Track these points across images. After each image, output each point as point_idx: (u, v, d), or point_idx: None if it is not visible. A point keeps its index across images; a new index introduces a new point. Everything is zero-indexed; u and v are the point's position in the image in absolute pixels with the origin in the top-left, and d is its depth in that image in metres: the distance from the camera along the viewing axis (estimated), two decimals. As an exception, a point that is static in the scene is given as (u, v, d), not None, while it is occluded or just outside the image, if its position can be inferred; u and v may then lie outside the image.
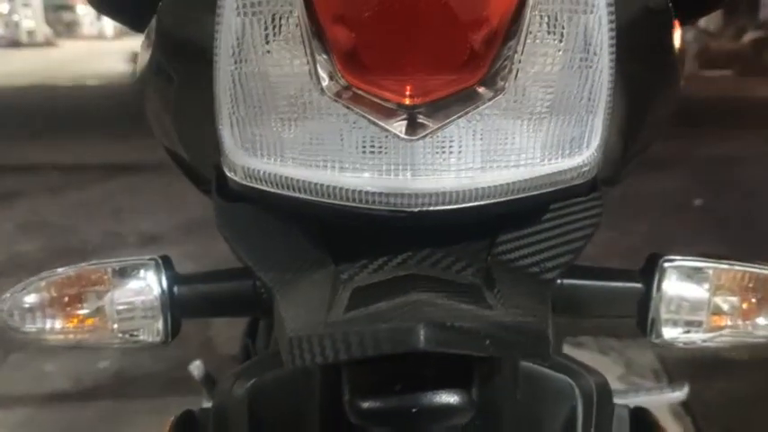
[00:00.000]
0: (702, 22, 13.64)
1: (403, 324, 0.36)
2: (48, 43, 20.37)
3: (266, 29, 0.37)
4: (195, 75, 0.46)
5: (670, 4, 0.48)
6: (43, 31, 21.34)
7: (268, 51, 0.37)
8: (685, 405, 1.76)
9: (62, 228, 3.26)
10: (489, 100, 0.37)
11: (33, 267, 2.75)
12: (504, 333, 0.37)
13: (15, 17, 20.91)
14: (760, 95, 7.80)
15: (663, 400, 0.94)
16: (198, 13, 0.45)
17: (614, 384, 1.73)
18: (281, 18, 0.37)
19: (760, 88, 8.33)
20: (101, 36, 27.33)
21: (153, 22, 0.50)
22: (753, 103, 7.11)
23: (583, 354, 2.03)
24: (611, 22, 0.37)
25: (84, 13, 30.60)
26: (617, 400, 0.94)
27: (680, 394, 0.94)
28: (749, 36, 11.54)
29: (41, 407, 1.81)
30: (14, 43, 19.77)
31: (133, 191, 3.84)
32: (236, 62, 0.38)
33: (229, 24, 0.37)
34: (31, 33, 20.91)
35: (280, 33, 0.37)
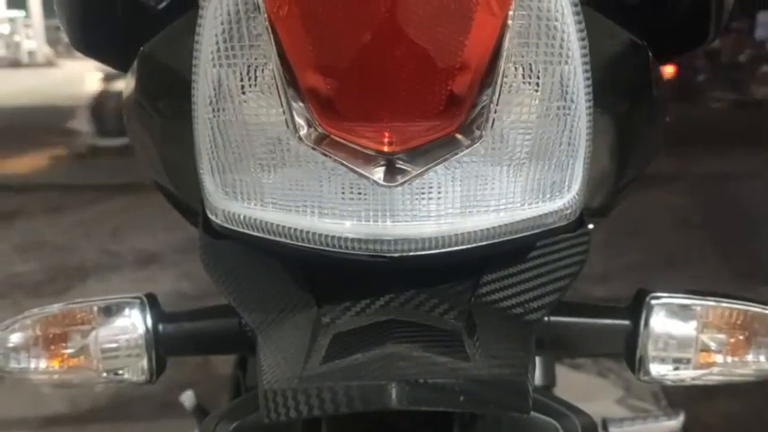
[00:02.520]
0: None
1: (375, 382, 0.36)
2: (49, 63, 20.44)
3: (242, 79, 0.37)
4: (178, 114, 0.46)
5: (645, 44, 0.49)
6: (44, 51, 21.44)
7: (245, 101, 0.38)
8: (685, 428, 1.75)
9: (60, 247, 3.26)
10: (467, 147, 0.37)
11: (30, 288, 2.74)
12: (479, 388, 0.37)
13: (16, 38, 21.04)
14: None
15: (658, 428, 0.93)
16: (177, 59, 0.45)
17: (613, 407, 1.71)
18: (256, 69, 0.37)
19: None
20: (102, 56, 27.51)
21: (135, 63, 0.51)
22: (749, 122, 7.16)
23: (581, 376, 2.02)
24: (585, 71, 0.38)
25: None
26: (613, 429, 0.93)
27: (675, 423, 0.93)
28: (745, 55, 11.63)
29: (38, 430, 1.80)
30: (15, 63, 19.89)
31: (131, 210, 3.83)
32: (213, 110, 0.38)
33: (206, 74, 0.38)
34: (32, 54, 21.00)
35: (256, 83, 0.37)
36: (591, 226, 0.54)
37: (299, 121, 0.37)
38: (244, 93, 0.37)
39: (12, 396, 1.93)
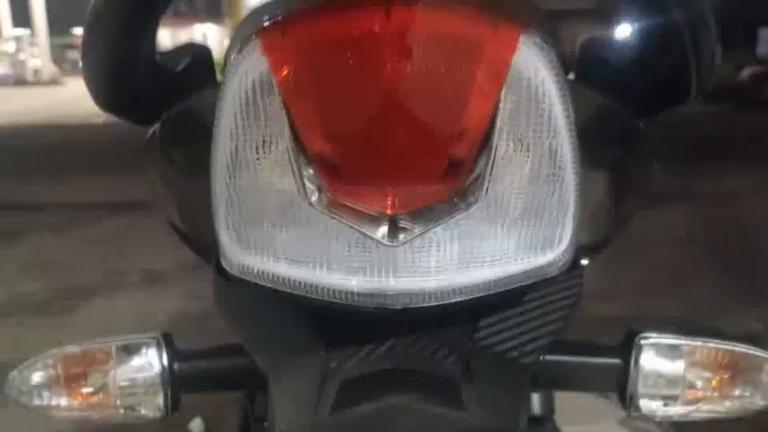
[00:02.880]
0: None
1: None
2: (53, 82, 20.60)
3: (257, 151, 0.41)
4: (195, 172, 0.49)
5: (627, 107, 0.52)
6: (49, 69, 21.61)
7: (259, 169, 0.41)
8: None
9: (65, 266, 3.27)
10: (465, 210, 0.41)
11: (36, 308, 2.75)
12: None
13: (22, 56, 21.20)
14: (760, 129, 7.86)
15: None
16: (196, 128, 0.49)
17: (615, 429, 1.70)
18: (270, 142, 0.40)
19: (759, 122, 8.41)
20: (106, 73, 27.64)
21: (159, 126, 0.54)
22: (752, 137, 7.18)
23: (584, 398, 2.04)
24: (572, 141, 0.41)
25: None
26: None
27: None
28: (747, 71, 11.68)
29: (43, 453, 1.82)
30: (21, 82, 20.03)
31: (136, 228, 3.84)
32: (230, 176, 0.42)
33: (224, 146, 0.41)
34: (37, 72, 21.16)
35: (270, 154, 0.41)
36: (586, 262, 0.57)
37: (310, 186, 0.40)
38: (258, 161, 0.41)
39: (17, 415, 1.94)
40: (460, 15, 0.38)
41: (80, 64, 0.51)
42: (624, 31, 0.48)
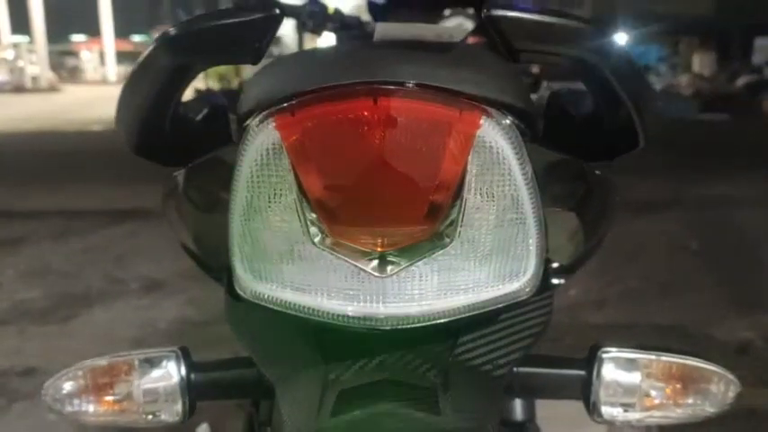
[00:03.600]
0: (697, 67, 13.93)
1: None
2: (52, 88, 20.59)
3: (269, 200, 0.50)
4: (211, 210, 0.59)
5: (577, 158, 0.61)
6: (47, 76, 21.60)
7: (270, 214, 0.50)
8: (669, 457, 1.82)
9: (65, 274, 3.29)
10: (442, 248, 0.50)
11: (37, 315, 2.76)
12: None
13: (20, 63, 21.19)
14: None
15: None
16: (214, 178, 0.59)
17: (598, 440, 1.73)
18: (280, 193, 0.49)
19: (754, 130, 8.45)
20: (104, 81, 27.62)
21: (184, 172, 0.64)
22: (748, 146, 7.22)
23: (571, 406, 2.10)
24: (530, 190, 0.50)
25: (88, 58, 31.08)
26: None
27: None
28: (743, 80, 11.77)
29: (47, 460, 1.85)
30: (19, 88, 19.98)
31: (136, 236, 3.87)
32: (245, 219, 0.50)
33: (241, 195, 0.50)
34: (35, 79, 21.15)
35: (279, 203, 0.49)
36: (559, 282, 0.65)
37: (313, 229, 0.49)
38: (270, 208, 0.50)
39: (20, 422, 1.98)
40: (433, 103, 0.48)
41: (84, 60, 0.60)
42: (581, 86, 0.56)
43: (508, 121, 0.49)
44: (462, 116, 0.47)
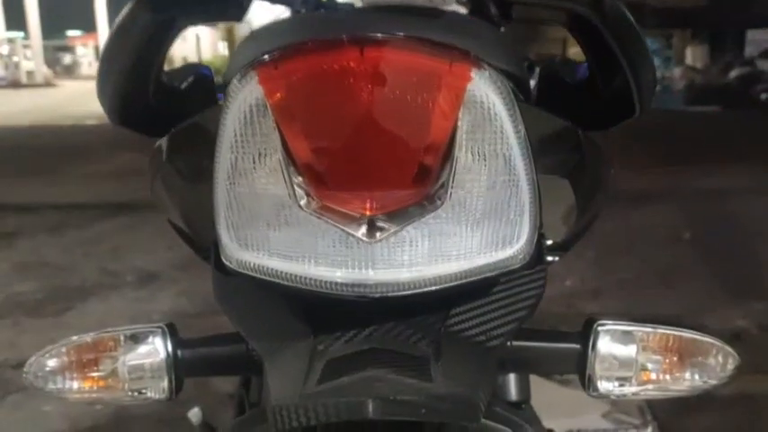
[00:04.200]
0: (689, 59, 13.95)
1: (357, 399, 0.46)
2: (47, 84, 20.57)
3: (254, 162, 0.47)
4: (197, 179, 0.56)
5: (573, 123, 0.58)
6: (43, 71, 21.56)
7: (255, 177, 0.48)
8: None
9: (60, 267, 3.29)
10: (432, 211, 0.48)
11: (32, 308, 2.77)
12: (437, 403, 0.46)
13: (15, 58, 21.15)
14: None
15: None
16: (199, 141, 0.55)
17: (598, 422, 1.77)
18: (265, 154, 0.47)
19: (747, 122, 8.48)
20: (99, 75, 27.51)
21: (166, 138, 0.61)
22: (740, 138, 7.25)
23: (569, 391, 2.09)
24: (523, 151, 0.48)
25: (83, 54, 30.97)
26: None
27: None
28: (735, 72, 11.77)
29: (39, 449, 1.85)
30: (15, 84, 19.97)
31: (131, 229, 3.86)
32: (230, 183, 0.48)
33: (225, 157, 0.48)
34: (30, 74, 21.13)
35: (265, 165, 0.47)
36: (553, 259, 0.63)
37: (299, 192, 0.47)
38: (255, 171, 0.48)
39: (14, 414, 1.98)
40: (422, 54, 0.46)
41: (79, 56, 0.57)
42: (578, 56, 0.55)
43: (500, 76, 0.47)
44: (452, 68, 0.46)
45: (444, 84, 0.45)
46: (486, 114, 0.46)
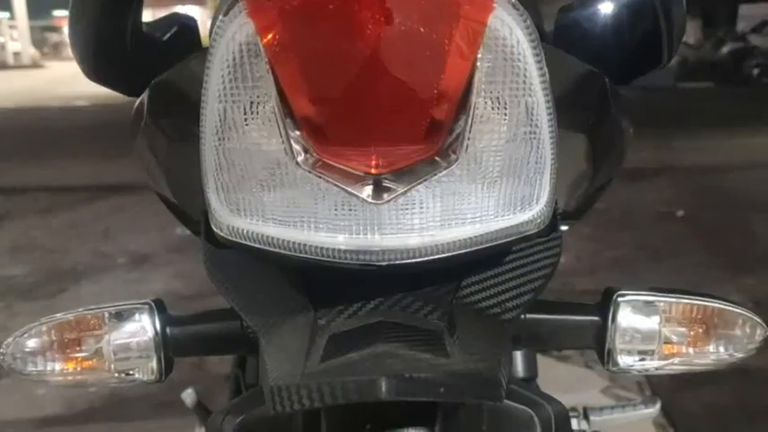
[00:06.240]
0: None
1: (367, 377, 0.41)
2: (35, 65, 20.35)
3: (245, 113, 0.42)
4: (183, 138, 0.50)
5: (600, 71, 0.53)
6: (30, 52, 21.32)
7: (247, 131, 0.42)
8: (669, 417, 1.80)
9: (51, 249, 3.27)
10: (445, 168, 0.42)
11: (23, 291, 2.75)
12: (457, 380, 0.42)
13: (1, 39, 20.89)
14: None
15: (636, 416, 0.98)
16: (185, 92, 0.50)
17: (598, 397, 1.75)
18: (257, 104, 0.41)
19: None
20: (88, 56, 27.28)
21: (147, 92, 0.55)
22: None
23: (568, 367, 2.07)
24: (547, 101, 0.42)
25: (71, 33, 30.55)
26: (593, 418, 0.98)
27: (652, 410, 0.98)
28: (728, 47, 11.71)
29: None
30: (1, 65, 19.75)
31: (122, 211, 3.83)
32: (219, 139, 0.42)
33: (213, 108, 0.42)
34: (17, 55, 20.88)
35: (257, 116, 0.41)
36: (565, 228, 0.59)
37: (297, 147, 0.41)
38: (247, 124, 0.42)
39: (7, 398, 1.95)
40: None
41: (66, 35, 0.52)
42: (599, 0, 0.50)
43: (525, 10, 0.41)
44: None
45: (463, 14, 0.39)
46: (509, 54, 0.41)
